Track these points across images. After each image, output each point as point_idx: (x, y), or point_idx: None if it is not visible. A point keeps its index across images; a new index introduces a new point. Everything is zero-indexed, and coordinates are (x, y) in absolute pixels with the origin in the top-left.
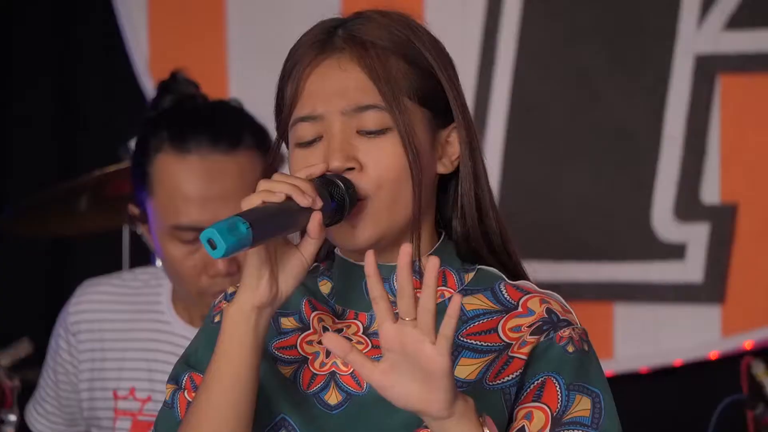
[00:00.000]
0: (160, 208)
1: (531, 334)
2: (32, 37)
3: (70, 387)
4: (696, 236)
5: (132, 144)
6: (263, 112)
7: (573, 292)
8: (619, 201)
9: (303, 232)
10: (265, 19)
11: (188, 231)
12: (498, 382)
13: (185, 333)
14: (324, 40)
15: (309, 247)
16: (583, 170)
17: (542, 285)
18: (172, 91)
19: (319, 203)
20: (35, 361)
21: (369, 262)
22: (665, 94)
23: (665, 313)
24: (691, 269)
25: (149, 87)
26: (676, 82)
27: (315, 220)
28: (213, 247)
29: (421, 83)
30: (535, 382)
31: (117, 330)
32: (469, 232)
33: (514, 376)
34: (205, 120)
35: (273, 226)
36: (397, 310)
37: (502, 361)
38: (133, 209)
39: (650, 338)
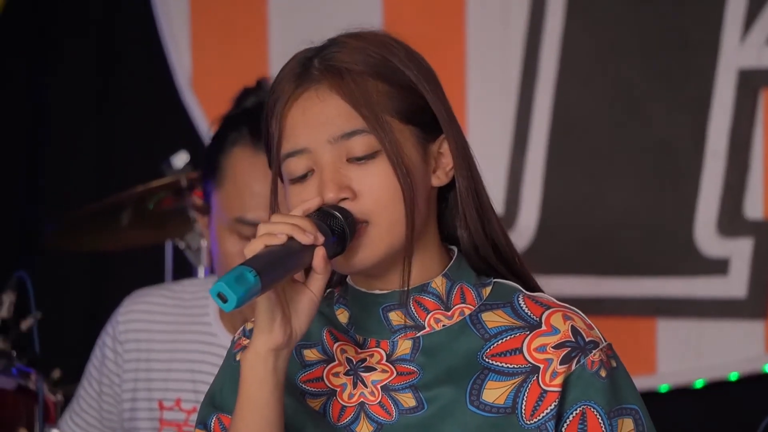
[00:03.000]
0: (227, 200)
1: (561, 363)
2: (74, 53)
3: (113, 399)
4: (739, 251)
5: (174, 159)
6: None
7: (616, 307)
8: (662, 216)
9: (309, 269)
10: (307, 34)
11: (250, 226)
12: (535, 420)
13: None
14: (301, 73)
15: (317, 282)
16: (625, 185)
17: (586, 301)
18: (257, 95)
19: (321, 239)
20: (77, 376)
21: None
22: (708, 108)
23: (708, 328)
24: (735, 284)
25: (192, 102)
26: (719, 97)
27: (319, 256)
28: (224, 300)
29: (403, 100)
30: (574, 413)
31: (164, 341)
32: (476, 241)
33: (550, 410)
34: None
35: (279, 269)
36: None
37: (534, 394)
38: (197, 199)
39: (693, 354)
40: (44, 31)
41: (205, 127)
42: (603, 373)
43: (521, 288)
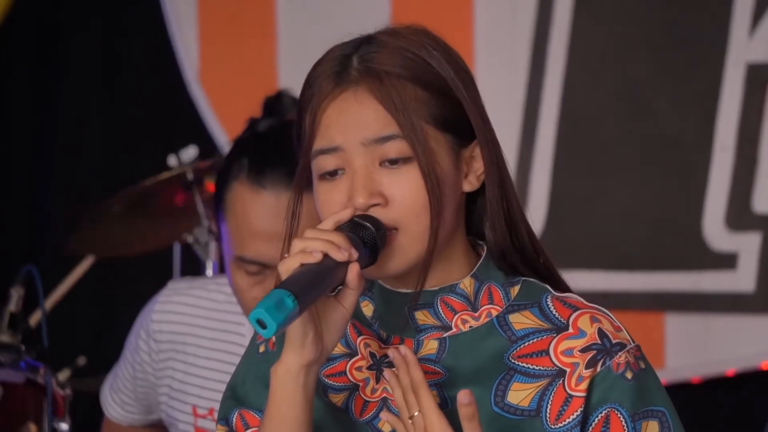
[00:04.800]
0: (230, 235)
1: (586, 367)
2: (82, 47)
3: (147, 384)
4: (748, 246)
5: (182, 153)
6: None
7: (624, 302)
8: (671, 211)
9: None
10: (315, 28)
11: (252, 264)
12: (560, 425)
13: None
14: (339, 72)
15: (349, 298)
16: (633, 180)
17: (594, 295)
18: (274, 112)
19: (356, 255)
20: (90, 372)
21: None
22: (716, 103)
23: (717, 322)
24: (743, 279)
25: (199, 96)
26: (728, 91)
27: (354, 272)
28: (263, 326)
29: (439, 107)
30: (599, 416)
31: (200, 347)
32: (503, 248)
33: (576, 416)
34: (285, 156)
35: (315, 289)
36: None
37: (560, 399)
38: (213, 227)
39: (701, 348)
40: (52, 25)
41: (213, 121)
42: (629, 375)
43: (550, 288)
